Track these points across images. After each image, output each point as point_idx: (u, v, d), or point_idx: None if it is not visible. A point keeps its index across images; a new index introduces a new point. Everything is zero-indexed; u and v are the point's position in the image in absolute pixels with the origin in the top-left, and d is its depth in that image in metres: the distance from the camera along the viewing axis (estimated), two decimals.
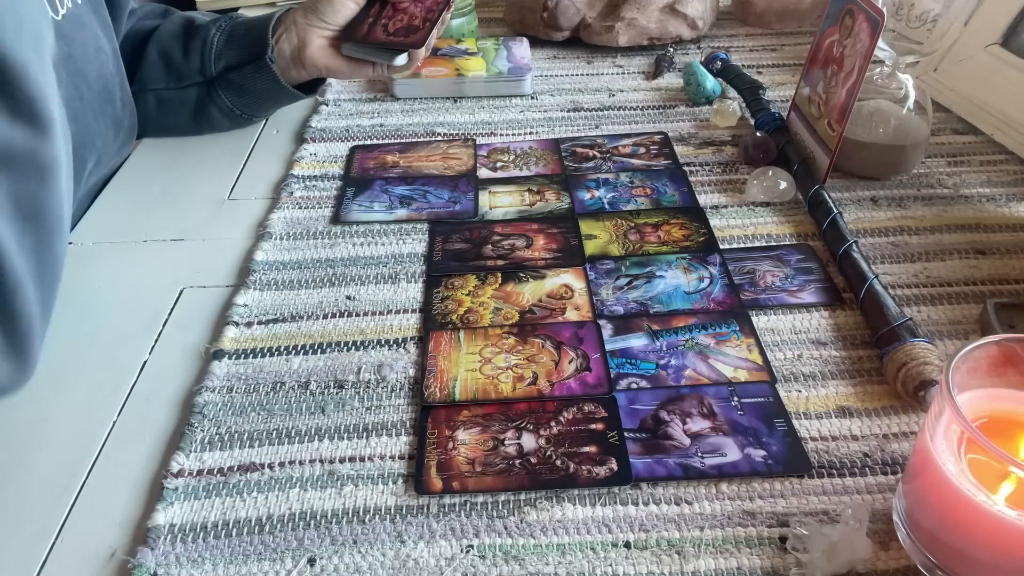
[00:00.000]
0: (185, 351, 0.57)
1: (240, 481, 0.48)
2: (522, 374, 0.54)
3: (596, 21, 0.97)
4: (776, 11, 1.03)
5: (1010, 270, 0.62)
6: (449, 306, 0.60)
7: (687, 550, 0.43)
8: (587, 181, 0.74)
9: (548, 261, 0.64)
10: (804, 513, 0.45)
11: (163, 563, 0.43)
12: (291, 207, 0.71)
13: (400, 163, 0.77)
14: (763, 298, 0.60)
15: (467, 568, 0.43)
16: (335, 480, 0.48)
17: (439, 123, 0.85)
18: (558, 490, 0.46)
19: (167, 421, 0.52)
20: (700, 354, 0.55)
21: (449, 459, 0.48)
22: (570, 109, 0.87)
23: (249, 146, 0.81)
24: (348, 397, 0.53)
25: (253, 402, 0.53)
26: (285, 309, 0.60)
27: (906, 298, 0.59)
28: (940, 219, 0.68)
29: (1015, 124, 0.75)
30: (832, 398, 0.52)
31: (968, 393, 0.41)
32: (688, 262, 0.63)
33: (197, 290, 0.63)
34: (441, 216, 0.70)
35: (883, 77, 0.71)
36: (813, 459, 0.48)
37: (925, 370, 0.50)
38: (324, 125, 0.84)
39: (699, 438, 0.49)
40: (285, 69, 0.77)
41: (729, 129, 0.82)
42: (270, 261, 0.65)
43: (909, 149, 0.72)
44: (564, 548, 0.44)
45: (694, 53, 0.98)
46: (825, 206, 0.66)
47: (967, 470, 0.38)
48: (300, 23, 0.76)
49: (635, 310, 0.59)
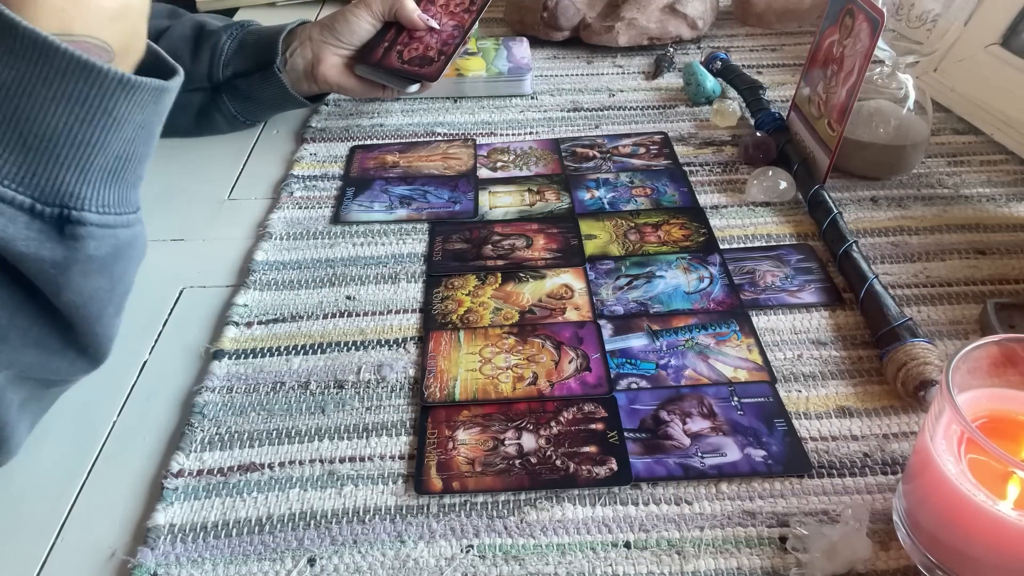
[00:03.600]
0: (185, 351, 0.57)
1: (240, 481, 0.48)
2: (522, 374, 0.54)
3: (596, 21, 0.97)
4: (776, 11, 1.03)
5: (1010, 270, 0.62)
6: (449, 306, 0.60)
7: (687, 550, 0.43)
8: (587, 181, 0.74)
9: (548, 261, 0.64)
10: (804, 513, 0.45)
11: (163, 563, 0.43)
12: (291, 207, 0.71)
13: (400, 163, 0.77)
14: (763, 298, 0.60)
15: (467, 568, 0.43)
16: (335, 480, 0.48)
17: (439, 123, 0.85)
18: (558, 490, 0.46)
19: (167, 421, 0.52)
20: (700, 354, 0.55)
21: (449, 459, 0.48)
22: (570, 109, 0.87)
23: (249, 146, 0.81)
24: (348, 397, 0.53)
25: (253, 402, 0.53)
26: (285, 309, 0.60)
27: (906, 298, 0.59)
28: (940, 219, 0.68)
29: (1015, 124, 0.75)
30: (832, 398, 0.52)
31: (968, 393, 0.41)
32: (688, 262, 0.63)
33: (197, 290, 0.63)
34: (441, 216, 0.70)
35: (883, 77, 0.71)
36: (813, 459, 0.48)
37: (925, 370, 0.50)
38: (324, 125, 0.84)
39: (699, 438, 0.49)
40: (296, 81, 0.78)
41: (729, 129, 0.82)
42: (270, 261, 0.65)
43: (909, 149, 0.72)
44: (564, 548, 0.44)
45: (694, 53, 0.98)
46: (825, 206, 0.66)
47: (967, 470, 0.38)
48: (316, 39, 0.77)
49: (635, 310, 0.59)
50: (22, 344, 0.41)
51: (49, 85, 0.38)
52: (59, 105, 0.38)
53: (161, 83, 0.42)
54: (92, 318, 0.43)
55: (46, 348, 0.42)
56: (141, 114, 0.42)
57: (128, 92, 0.40)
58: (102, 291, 0.43)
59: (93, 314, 0.43)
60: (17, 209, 0.38)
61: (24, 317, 0.41)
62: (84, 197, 0.40)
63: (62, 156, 0.39)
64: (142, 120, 0.42)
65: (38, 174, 0.39)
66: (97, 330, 0.44)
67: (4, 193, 0.38)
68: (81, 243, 0.40)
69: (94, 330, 0.44)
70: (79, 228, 0.40)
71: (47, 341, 0.42)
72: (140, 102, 0.41)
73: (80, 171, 0.40)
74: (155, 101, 0.42)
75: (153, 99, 0.42)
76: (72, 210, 0.40)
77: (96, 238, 0.41)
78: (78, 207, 0.40)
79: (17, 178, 0.38)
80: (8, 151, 0.38)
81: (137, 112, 0.41)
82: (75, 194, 0.40)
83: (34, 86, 0.38)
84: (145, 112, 0.42)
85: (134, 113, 0.41)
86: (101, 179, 0.41)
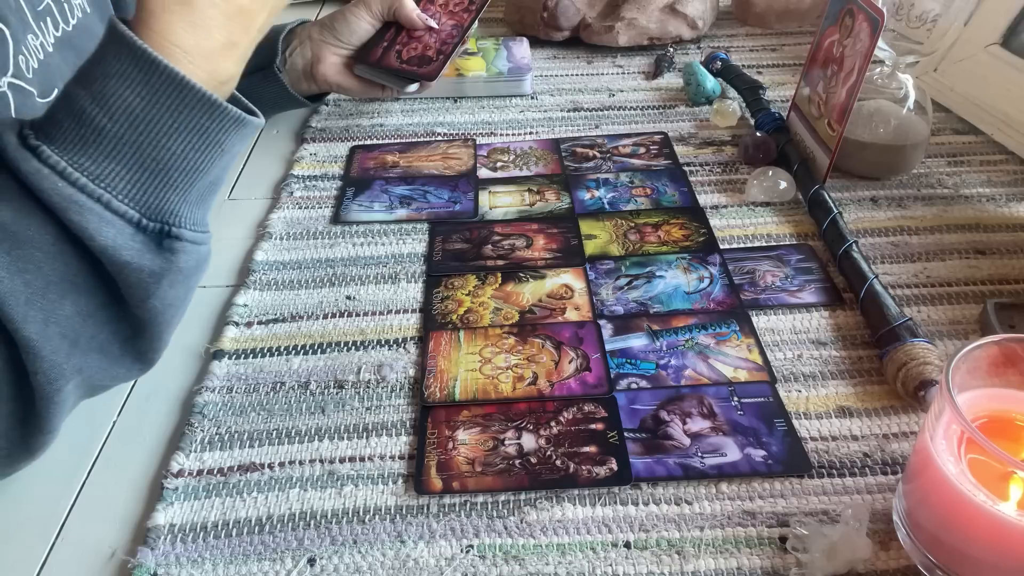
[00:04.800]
0: (185, 351, 0.57)
1: (240, 481, 0.48)
2: (522, 374, 0.54)
3: (596, 21, 0.97)
4: (776, 11, 1.03)
5: (1010, 270, 0.62)
6: (449, 306, 0.60)
7: (687, 550, 0.43)
8: (587, 181, 0.74)
9: (548, 261, 0.64)
10: (804, 513, 0.45)
11: (163, 563, 0.43)
12: (291, 207, 0.71)
13: (400, 163, 0.77)
14: (763, 298, 0.60)
15: (467, 568, 0.43)
16: (335, 480, 0.48)
17: (439, 123, 0.85)
18: (558, 490, 0.46)
19: (167, 421, 0.52)
20: (700, 354, 0.55)
21: (449, 459, 0.48)
22: (570, 109, 0.87)
23: (249, 146, 0.81)
24: (348, 397, 0.53)
25: (253, 402, 0.53)
26: (285, 309, 0.60)
27: (906, 298, 0.59)
28: (940, 219, 0.68)
29: (1015, 124, 0.75)
30: (832, 398, 0.52)
31: (968, 393, 0.41)
32: (688, 262, 0.63)
33: (197, 290, 0.63)
34: (441, 216, 0.70)
35: (883, 77, 0.71)
36: (813, 459, 0.48)
37: (925, 370, 0.50)
38: (324, 125, 0.84)
39: (699, 438, 0.49)
40: (296, 81, 0.78)
41: (729, 129, 0.82)
42: (270, 261, 0.65)
43: (909, 149, 0.72)
44: (564, 548, 0.44)
45: (694, 53, 0.98)
46: (825, 206, 0.66)
47: (967, 470, 0.38)
48: (315, 39, 0.77)
49: (635, 310, 0.59)
50: (88, 348, 0.44)
51: (176, 116, 0.43)
52: (181, 135, 0.43)
53: (262, 122, 0.47)
54: (165, 324, 0.47)
55: (108, 354, 0.45)
56: (241, 146, 0.47)
57: (240, 127, 0.46)
58: (179, 300, 0.47)
59: (168, 320, 0.47)
60: (127, 222, 0.42)
61: (95, 323, 0.43)
62: (182, 216, 0.45)
63: (173, 179, 0.44)
64: (237, 151, 0.47)
65: (149, 192, 0.43)
66: (166, 336, 0.48)
67: (118, 207, 0.42)
68: (176, 256, 0.44)
69: (163, 336, 0.47)
70: (176, 243, 0.44)
71: (110, 347, 0.45)
72: (245, 136, 0.47)
73: (184, 193, 0.44)
74: (251, 135, 0.47)
75: (252, 134, 0.48)
76: (172, 227, 0.44)
77: (187, 252, 0.45)
78: (177, 224, 0.44)
79: (130, 195, 0.42)
80: (127, 170, 0.42)
81: (239, 144, 0.47)
82: (176, 212, 0.44)
83: (162, 116, 0.42)
84: (242, 144, 0.47)
85: (237, 145, 0.46)
86: (196, 201, 0.46)
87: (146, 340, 0.46)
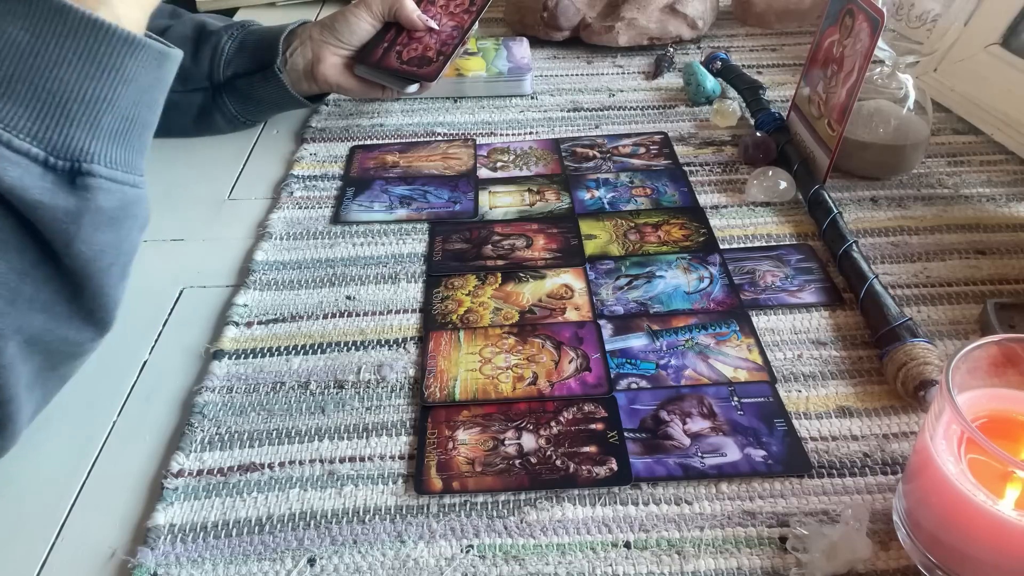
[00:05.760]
0: (185, 351, 0.57)
1: (240, 481, 0.48)
2: (522, 374, 0.54)
3: (596, 21, 0.97)
4: (776, 11, 1.03)
5: (1010, 270, 0.62)
6: (449, 306, 0.60)
7: (687, 550, 0.43)
8: (587, 181, 0.74)
9: (548, 261, 0.64)
10: (804, 513, 0.45)
11: (163, 563, 0.43)
12: (291, 207, 0.71)
13: (400, 163, 0.77)
14: (763, 298, 0.60)
15: (467, 568, 0.43)
16: (335, 480, 0.48)
17: (439, 123, 0.85)
18: (558, 490, 0.46)
19: (167, 421, 0.52)
20: (700, 354, 0.55)
21: (449, 459, 0.48)
22: (570, 109, 0.87)
23: (249, 146, 0.81)
24: (348, 397, 0.53)
25: (253, 402, 0.53)
26: (285, 309, 0.60)
27: (906, 298, 0.59)
28: (940, 219, 0.68)
29: (1015, 124, 0.75)
30: (832, 398, 0.52)
31: (968, 393, 0.41)
32: (688, 262, 0.63)
33: (197, 290, 0.63)
34: (441, 216, 0.70)
35: (883, 77, 0.71)
36: (813, 459, 0.48)
37: (925, 370, 0.50)
38: (324, 125, 0.84)
39: (699, 438, 0.49)
40: (296, 81, 0.78)
41: (729, 129, 0.82)
42: (270, 261, 0.65)
43: (909, 149, 0.72)
44: (564, 548, 0.44)
45: (694, 53, 0.98)
46: (825, 206, 0.66)
47: (967, 470, 0.38)
48: (316, 39, 0.78)
49: (635, 310, 0.59)
50: (30, 309, 0.43)
51: (62, 44, 0.41)
52: (71, 63, 0.41)
53: (164, 48, 0.45)
54: (102, 274, 0.45)
55: (53, 314, 0.44)
56: (145, 76, 0.45)
57: (134, 50, 0.43)
58: (110, 246, 0.45)
59: (103, 270, 0.45)
60: (32, 161, 0.41)
61: (33, 282, 0.43)
62: (93, 152, 0.43)
63: (73, 112, 0.42)
64: (146, 84, 0.45)
65: (51, 129, 0.42)
66: (105, 289, 0.46)
67: (20, 146, 0.41)
68: (92, 194, 0.43)
69: (102, 289, 0.46)
70: (89, 179, 0.43)
71: (55, 307, 0.44)
72: (145, 62, 0.44)
73: (90, 127, 0.43)
74: (158, 65, 0.45)
75: (157, 62, 0.45)
76: (83, 163, 0.42)
77: (105, 190, 0.43)
78: (88, 160, 0.43)
79: (32, 132, 0.41)
80: (24, 107, 0.41)
81: (142, 72, 0.44)
82: (85, 149, 0.43)
83: (48, 45, 0.41)
84: (149, 74, 0.45)
85: (139, 73, 0.44)
86: (109, 137, 0.44)
87: (88, 296, 0.45)
